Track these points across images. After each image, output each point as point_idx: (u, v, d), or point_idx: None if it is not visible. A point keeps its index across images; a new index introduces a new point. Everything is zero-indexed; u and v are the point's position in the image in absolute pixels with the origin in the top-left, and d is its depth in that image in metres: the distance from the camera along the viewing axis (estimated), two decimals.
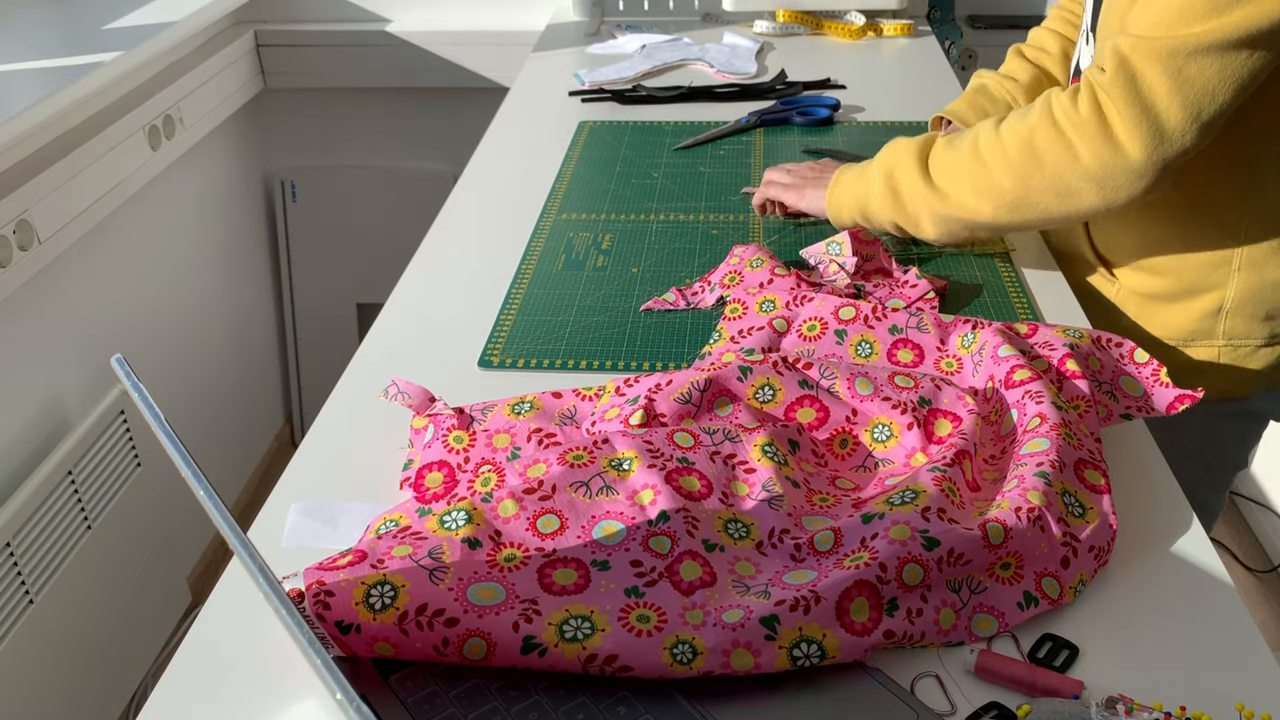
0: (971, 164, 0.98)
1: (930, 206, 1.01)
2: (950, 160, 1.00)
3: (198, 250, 2.15)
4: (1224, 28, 0.85)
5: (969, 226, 1.01)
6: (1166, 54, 0.87)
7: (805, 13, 1.94)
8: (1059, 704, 0.60)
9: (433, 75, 2.23)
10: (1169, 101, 0.87)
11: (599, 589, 0.66)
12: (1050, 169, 0.93)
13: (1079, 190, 0.93)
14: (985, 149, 0.97)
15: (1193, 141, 0.89)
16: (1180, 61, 0.86)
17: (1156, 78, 0.87)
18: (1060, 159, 0.93)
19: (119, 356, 0.59)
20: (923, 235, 1.04)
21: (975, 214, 0.99)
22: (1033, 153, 0.94)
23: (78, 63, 1.60)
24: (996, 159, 0.96)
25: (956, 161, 0.99)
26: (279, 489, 0.83)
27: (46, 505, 1.54)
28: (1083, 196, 0.93)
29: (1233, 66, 0.86)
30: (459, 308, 1.07)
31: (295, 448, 1.02)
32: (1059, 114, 0.93)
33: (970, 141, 0.99)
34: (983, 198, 0.98)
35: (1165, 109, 0.88)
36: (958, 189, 0.99)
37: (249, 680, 0.66)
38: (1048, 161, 0.93)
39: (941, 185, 1.00)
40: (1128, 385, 0.86)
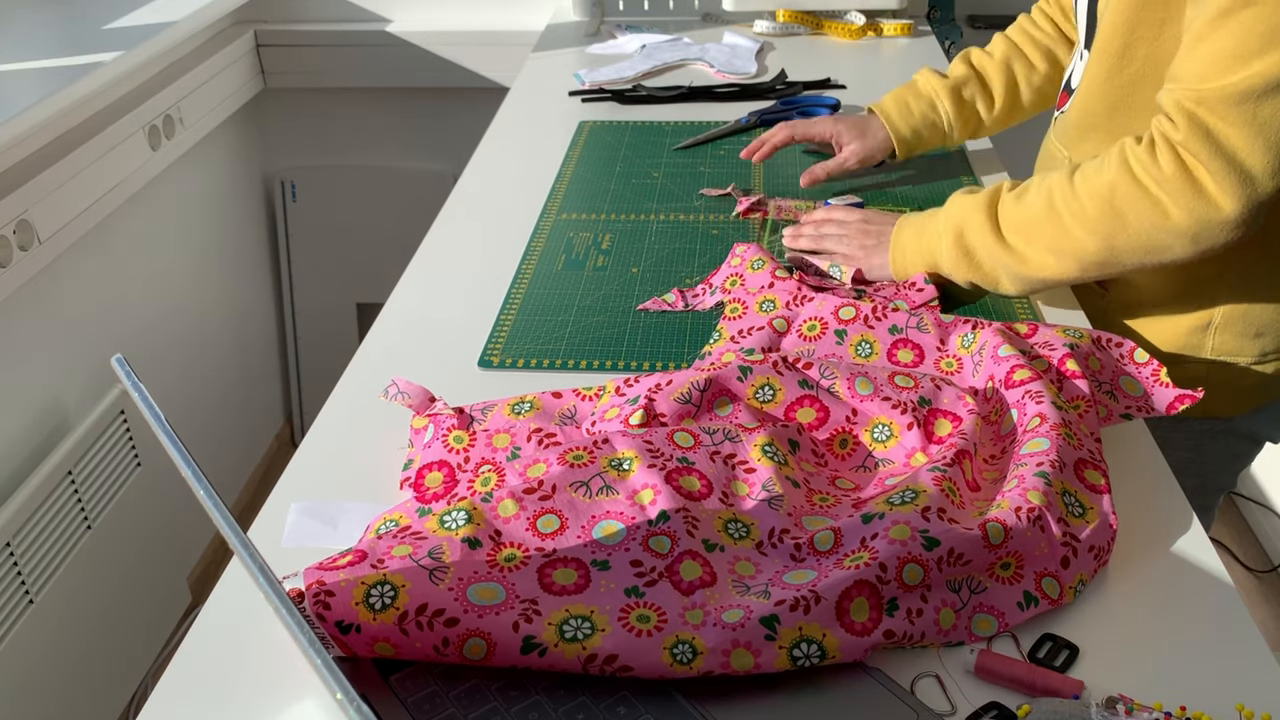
0: (1048, 224, 0.94)
1: (1008, 267, 0.97)
2: (1023, 219, 0.96)
3: (198, 250, 2.15)
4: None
5: (1050, 284, 0.98)
6: (1236, 100, 0.85)
7: (805, 13, 1.94)
8: (1059, 704, 0.60)
9: (433, 75, 2.23)
10: (1251, 147, 0.85)
11: (599, 589, 0.66)
12: (1136, 228, 0.90)
13: (1170, 245, 0.90)
14: (1062, 207, 0.93)
15: None
16: (1252, 106, 0.84)
17: (1232, 127, 0.85)
18: (1147, 217, 0.90)
19: (119, 356, 0.59)
20: (1003, 292, 1.00)
21: (1058, 274, 0.95)
22: (1116, 213, 0.90)
23: (78, 63, 1.60)
24: (1076, 218, 0.92)
25: (1031, 221, 0.95)
26: (279, 489, 0.83)
27: (46, 505, 1.54)
28: (1174, 250, 0.91)
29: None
30: (459, 308, 1.07)
31: (295, 448, 1.02)
32: (1139, 171, 0.90)
33: (1044, 199, 0.95)
34: (1065, 259, 0.94)
35: (1249, 155, 0.86)
36: (1036, 251, 0.95)
37: (249, 680, 0.66)
38: (1133, 220, 0.90)
39: (1017, 246, 0.96)
40: (1128, 385, 0.86)
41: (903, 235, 1.05)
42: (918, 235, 1.03)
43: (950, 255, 0.99)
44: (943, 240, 1.00)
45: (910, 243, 1.03)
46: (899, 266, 1.04)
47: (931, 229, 1.02)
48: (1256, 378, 1.05)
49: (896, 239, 1.05)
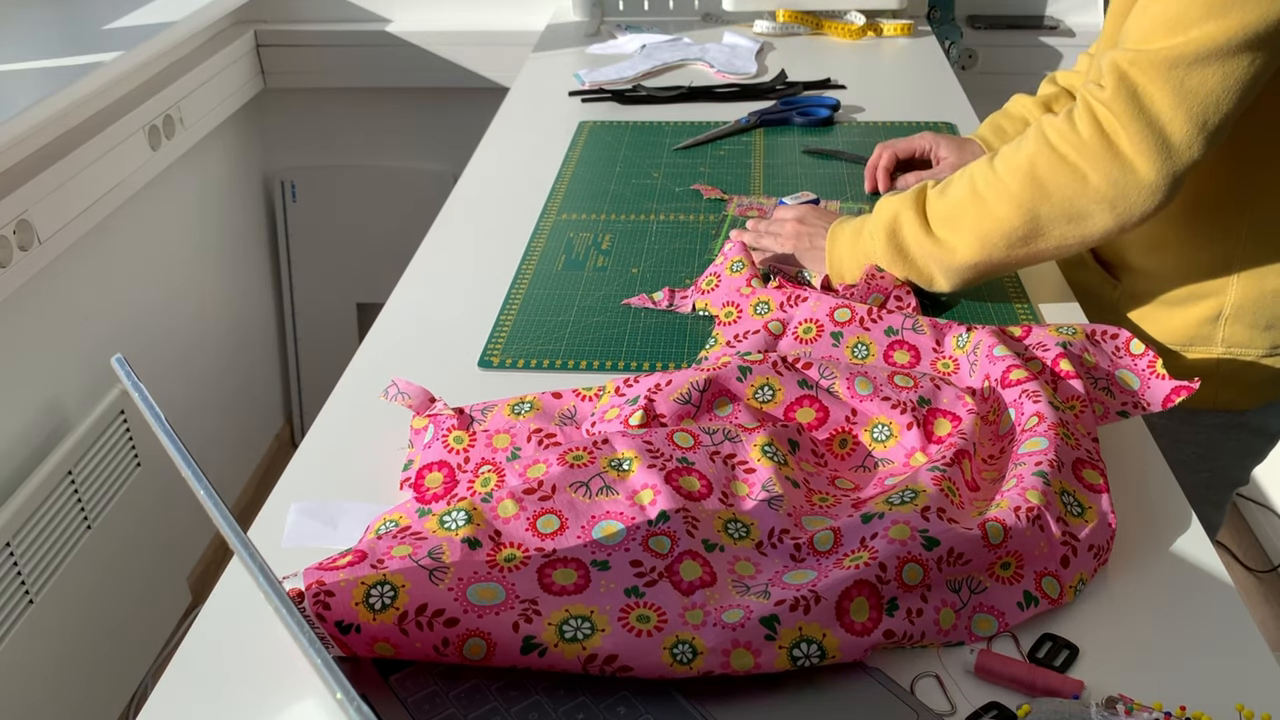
0: (971, 209, 0.94)
1: (939, 260, 0.97)
2: (948, 208, 0.96)
3: (198, 250, 2.15)
4: (1222, 32, 0.83)
5: (981, 271, 0.97)
6: (1167, 65, 0.85)
7: (805, 13, 1.94)
8: (1059, 704, 0.60)
9: (433, 75, 2.23)
10: (1173, 114, 0.86)
11: (599, 589, 0.66)
12: (1058, 196, 0.90)
13: (1091, 213, 0.90)
14: (984, 188, 0.94)
15: (1200, 151, 0.87)
16: (1181, 72, 0.85)
17: (1158, 90, 0.86)
18: (1067, 184, 0.90)
19: (119, 356, 0.59)
20: (937, 289, 1.00)
21: (986, 257, 0.95)
22: (1036, 182, 0.91)
23: (78, 63, 1.60)
24: (998, 196, 0.93)
25: (956, 208, 0.96)
26: (279, 489, 0.83)
27: (46, 505, 1.54)
28: (1095, 219, 0.91)
29: (1235, 72, 0.84)
30: (459, 308, 1.07)
31: (295, 448, 1.02)
32: (1056, 139, 0.90)
33: (965, 183, 0.95)
34: (990, 239, 0.94)
35: (1170, 121, 0.86)
36: (962, 238, 0.95)
37: (249, 680, 0.66)
38: (1053, 189, 0.90)
39: (944, 237, 0.96)
40: (1124, 380, 0.86)
41: (838, 239, 1.04)
42: (853, 238, 1.03)
43: (885, 255, 1.00)
44: (876, 242, 1.00)
45: (846, 246, 1.03)
46: (835, 270, 1.04)
47: (866, 231, 1.02)
48: (1267, 371, 1.06)
49: (832, 242, 1.04)
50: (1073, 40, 2.13)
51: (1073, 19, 2.16)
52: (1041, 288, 1.08)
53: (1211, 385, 1.07)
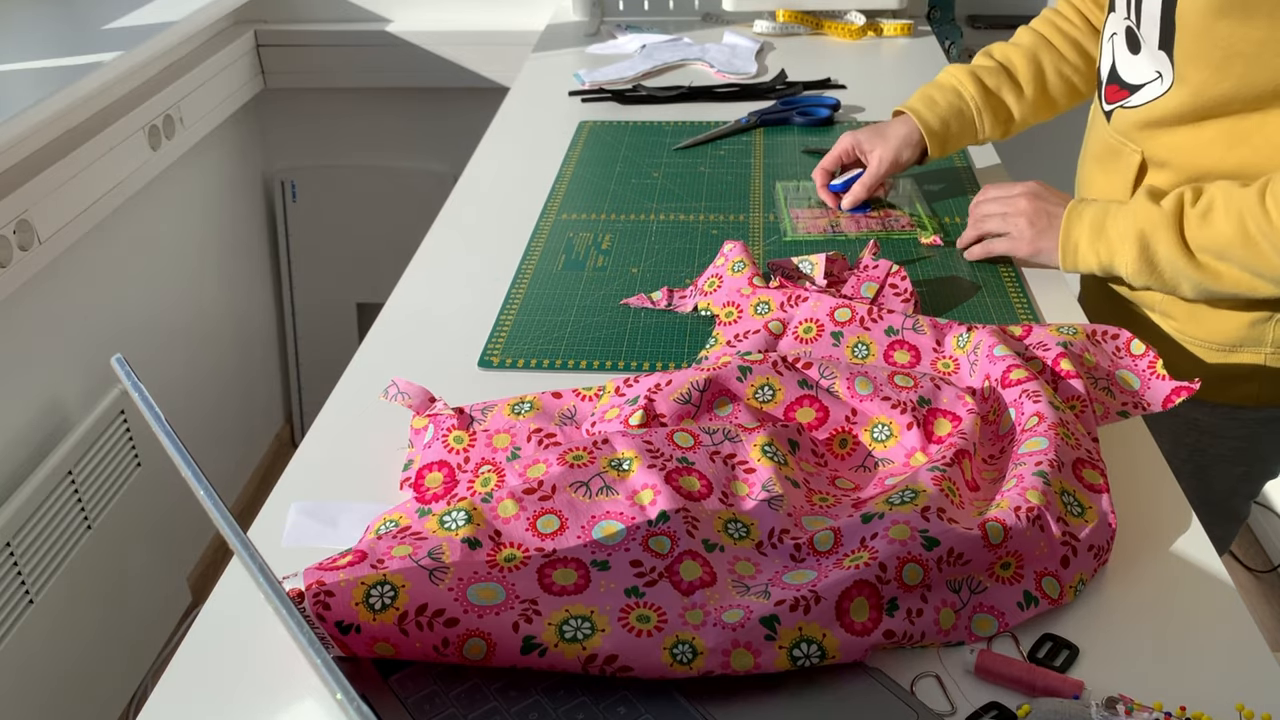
0: (1243, 249, 0.94)
1: (1195, 281, 0.98)
2: (1216, 242, 0.96)
3: (198, 250, 2.16)
4: None
5: (1239, 298, 1.00)
6: None
7: (805, 13, 1.94)
8: (1059, 704, 0.60)
9: (433, 75, 2.23)
10: None
11: (599, 589, 0.66)
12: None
13: None
14: (1258, 234, 0.93)
15: None
16: None
17: None
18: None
19: (119, 356, 0.59)
20: (1179, 295, 1.02)
21: (1253, 291, 0.97)
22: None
23: (78, 63, 1.60)
24: (1271, 241, 0.93)
25: (1225, 244, 0.95)
26: (279, 489, 0.83)
27: (46, 505, 1.54)
28: None
29: None
30: (459, 308, 1.07)
31: (295, 448, 1.02)
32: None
33: (1235, 223, 0.94)
34: (1260, 280, 0.95)
35: None
36: (1230, 270, 0.96)
37: (249, 680, 0.66)
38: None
39: (1209, 264, 0.97)
40: (1125, 380, 0.86)
41: (1076, 229, 1.03)
42: (1094, 233, 1.02)
43: (1134, 265, 0.99)
44: (1126, 246, 0.99)
45: (1085, 239, 1.03)
46: (1070, 260, 1.04)
47: (1113, 231, 1.01)
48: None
49: (1068, 230, 1.04)
50: None
51: None
52: (1042, 288, 1.08)
53: (1256, 383, 1.07)
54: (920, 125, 1.23)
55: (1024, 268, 1.11)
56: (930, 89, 1.26)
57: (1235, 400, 1.09)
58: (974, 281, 1.09)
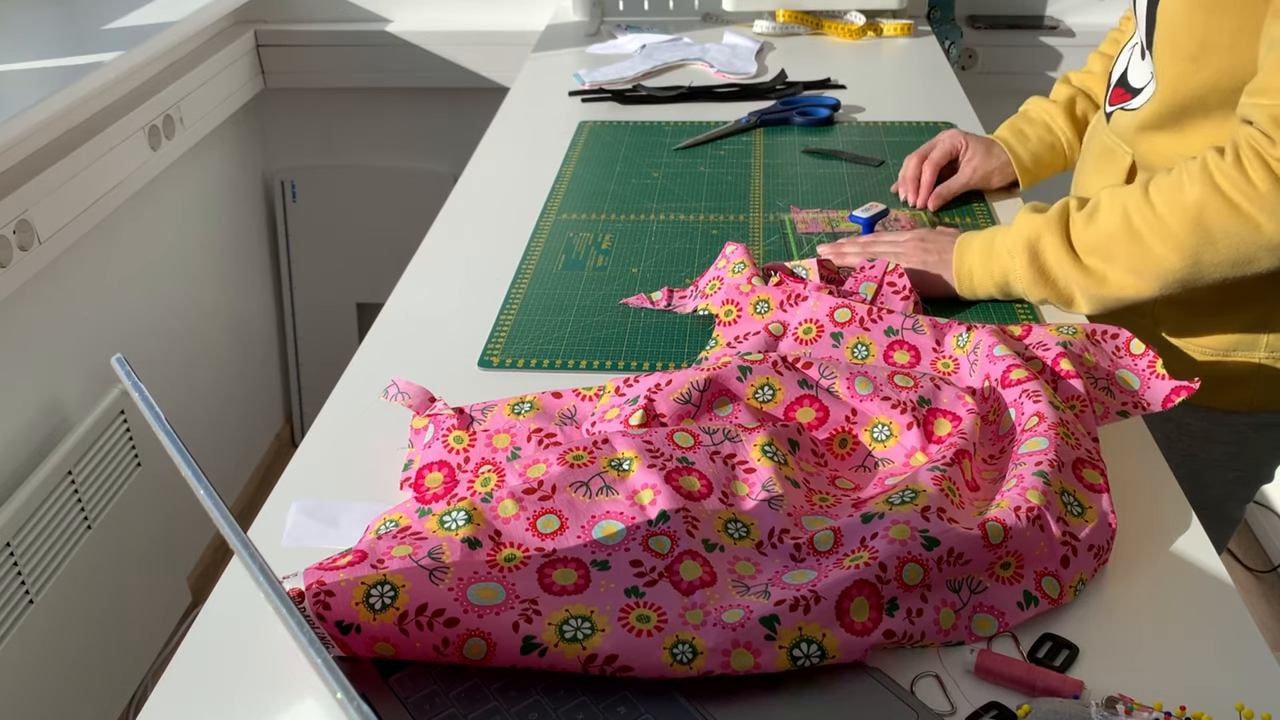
0: (1127, 244, 0.94)
1: (1085, 287, 0.97)
2: (1100, 239, 0.95)
3: (198, 250, 2.16)
4: None
5: (1128, 302, 0.97)
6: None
7: (805, 13, 1.94)
8: (1059, 704, 0.60)
9: (433, 75, 2.23)
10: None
11: (599, 589, 0.66)
12: (1225, 243, 0.90)
13: (1259, 259, 0.91)
14: (1142, 226, 0.93)
15: None
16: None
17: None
18: (1238, 233, 0.90)
19: (119, 356, 0.59)
20: (1076, 310, 1.00)
21: (1137, 293, 0.95)
22: (1204, 230, 0.90)
23: (78, 63, 1.60)
24: (1158, 237, 0.92)
25: (1108, 241, 0.95)
26: (279, 489, 0.83)
27: (46, 505, 1.54)
28: (1261, 263, 0.91)
29: None
30: (459, 308, 1.07)
31: (295, 448, 1.02)
32: (1228, 188, 0.90)
33: (1118, 215, 0.94)
34: (1145, 277, 0.94)
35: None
36: (1115, 270, 0.95)
37: (249, 680, 0.66)
38: (1221, 236, 0.90)
39: (1094, 266, 0.96)
40: (1124, 379, 0.86)
41: (968, 255, 1.04)
42: (985, 255, 1.02)
43: (1025, 276, 0.99)
44: (1015, 260, 0.99)
45: (977, 262, 1.02)
46: (966, 286, 1.04)
47: (1001, 248, 1.01)
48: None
49: (960, 258, 1.04)
50: (1073, 40, 2.13)
51: (1072, 19, 2.16)
52: None
53: (1250, 388, 1.07)
54: (1012, 159, 1.25)
55: None
56: (1019, 122, 1.28)
57: (1228, 405, 1.09)
58: None
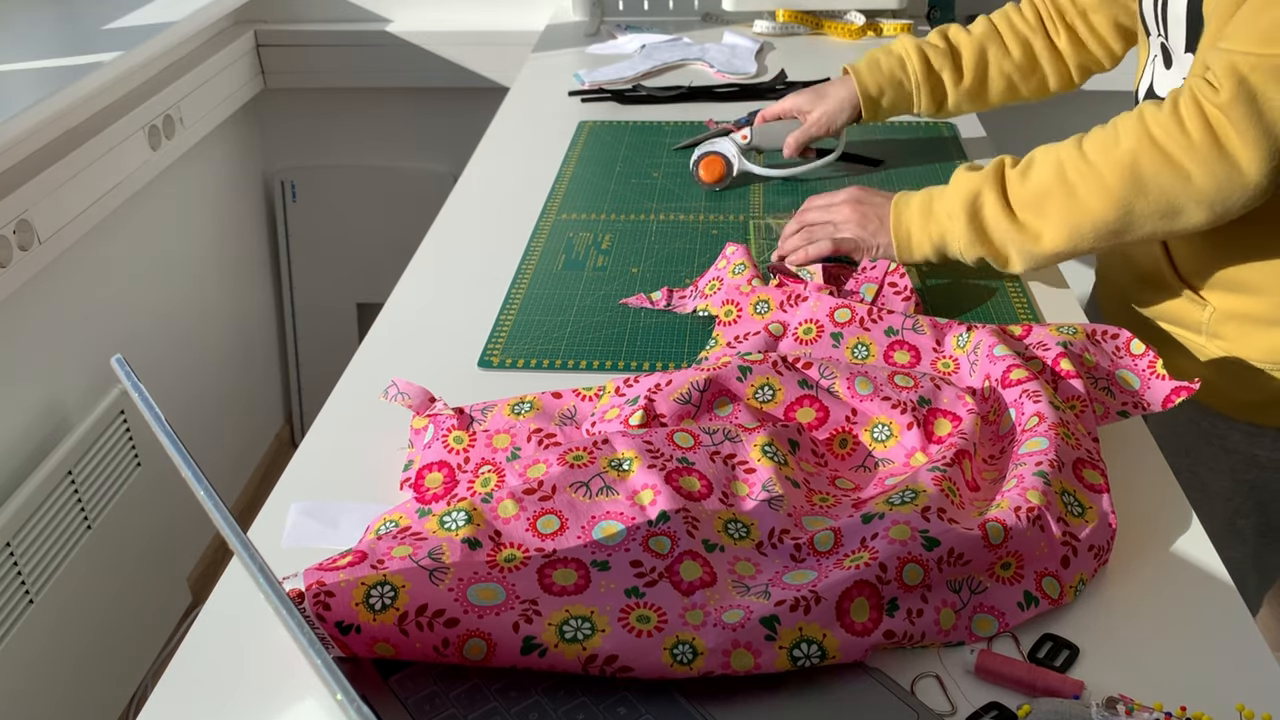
0: (1061, 197, 0.94)
1: (1020, 245, 0.97)
2: (1034, 193, 0.95)
3: (198, 250, 2.16)
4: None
5: (1060, 258, 0.97)
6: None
7: (805, 13, 1.94)
8: (1059, 704, 0.60)
9: (433, 75, 2.23)
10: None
11: (599, 589, 0.66)
12: (1156, 193, 0.90)
13: (1188, 209, 0.90)
14: (1076, 178, 0.93)
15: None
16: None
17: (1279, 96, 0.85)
18: (1169, 182, 0.90)
19: (119, 356, 0.59)
20: (1010, 270, 1.00)
21: (1072, 247, 0.95)
22: (1135, 178, 0.90)
23: (78, 63, 1.60)
24: (1091, 189, 0.92)
25: (1041, 194, 0.95)
26: (279, 489, 0.83)
27: (46, 505, 1.54)
28: (1191, 215, 0.91)
29: None
30: (459, 308, 1.07)
31: (295, 448, 1.02)
32: (1162, 137, 0.89)
33: (1052, 169, 0.94)
34: (1079, 230, 0.94)
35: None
36: (1050, 226, 0.95)
37: (249, 680, 0.66)
38: (1152, 186, 0.90)
39: (1029, 222, 0.95)
40: (1125, 379, 0.86)
41: (904, 216, 1.03)
42: (923, 216, 1.02)
43: (965, 235, 0.98)
44: (955, 221, 0.99)
45: (916, 224, 1.02)
46: (905, 247, 1.03)
47: (940, 209, 1.00)
48: None
49: (897, 220, 1.03)
50: None
51: None
52: (1042, 288, 1.08)
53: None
54: (859, 88, 1.28)
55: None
56: (879, 53, 1.30)
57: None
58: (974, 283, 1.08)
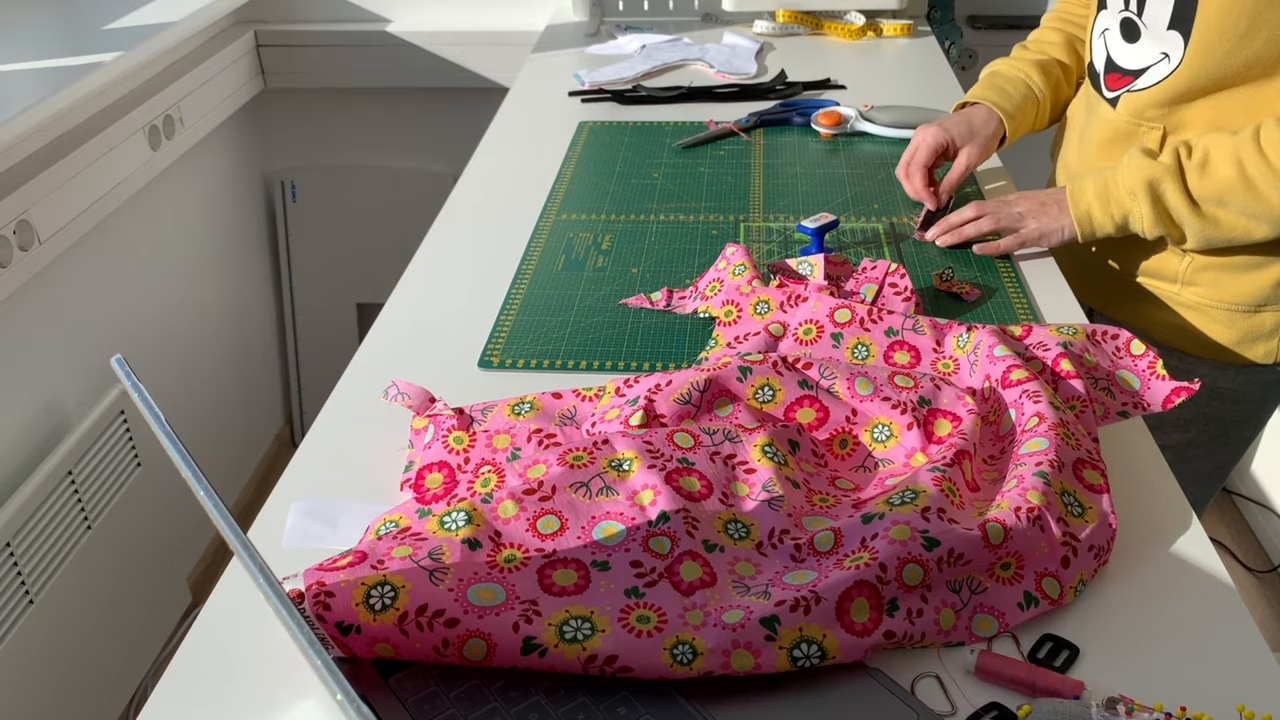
0: (1243, 193, 1.00)
1: (1197, 230, 1.04)
2: (1214, 189, 1.01)
3: (198, 250, 2.16)
4: None
5: (1234, 244, 1.05)
6: None
7: (805, 13, 1.94)
8: (1059, 704, 0.60)
9: (433, 75, 2.23)
10: None
11: (599, 589, 0.66)
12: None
13: None
14: (1255, 174, 0.99)
15: None
16: None
17: None
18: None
19: (119, 356, 0.59)
20: (1181, 246, 1.07)
21: (1248, 235, 1.03)
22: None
23: (78, 63, 1.60)
24: (1271, 185, 0.99)
25: (1223, 189, 1.01)
26: (279, 489, 0.83)
27: (46, 505, 1.54)
28: None
29: None
30: (459, 308, 1.07)
31: (295, 448, 1.02)
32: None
33: (1233, 166, 1.00)
34: (1258, 221, 1.01)
35: None
36: (1229, 214, 1.02)
37: (249, 680, 0.66)
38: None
39: (1211, 212, 1.03)
40: (1124, 380, 0.86)
41: (1081, 200, 1.09)
42: (1101, 198, 1.08)
43: (1150, 216, 1.05)
44: (1138, 202, 1.05)
45: (1096, 206, 1.08)
46: (1086, 227, 1.09)
47: (1119, 190, 1.06)
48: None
49: (1075, 203, 1.09)
50: None
51: None
52: (1042, 287, 1.08)
53: (1276, 340, 1.13)
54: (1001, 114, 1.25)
55: (1024, 269, 1.11)
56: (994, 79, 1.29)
57: (1256, 359, 1.14)
58: (973, 284, 1.08)
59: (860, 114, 1.47)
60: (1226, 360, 1.14)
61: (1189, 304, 1.13)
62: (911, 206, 1.26)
